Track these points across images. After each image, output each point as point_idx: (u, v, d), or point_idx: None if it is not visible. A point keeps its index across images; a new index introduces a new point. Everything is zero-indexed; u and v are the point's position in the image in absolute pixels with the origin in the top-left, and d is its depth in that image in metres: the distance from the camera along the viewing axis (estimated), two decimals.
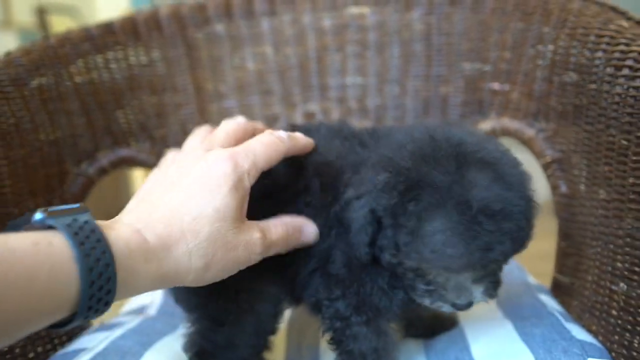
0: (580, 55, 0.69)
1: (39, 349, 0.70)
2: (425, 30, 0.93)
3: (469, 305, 0.52)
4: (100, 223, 0.43)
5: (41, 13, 3.01)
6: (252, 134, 0.56)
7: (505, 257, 0.50)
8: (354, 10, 0.97)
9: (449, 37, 0.91)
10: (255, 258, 0.50)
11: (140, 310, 0.81)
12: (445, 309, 0.53)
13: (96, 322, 0.80)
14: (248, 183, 0.50)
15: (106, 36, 0.89)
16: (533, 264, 0.86)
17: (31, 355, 0.69)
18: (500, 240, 0.47)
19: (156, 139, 0.93)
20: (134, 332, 0.69)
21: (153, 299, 0.83)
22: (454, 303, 0.52)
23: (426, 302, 0.53)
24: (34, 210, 0.41)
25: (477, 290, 0.52)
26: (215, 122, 0.97)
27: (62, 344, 0.74)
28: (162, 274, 0.45)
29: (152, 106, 0.93)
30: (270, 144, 0.52)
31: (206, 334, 0.60)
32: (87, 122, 0.84)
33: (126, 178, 2.30)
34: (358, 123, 0.97)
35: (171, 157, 0.60)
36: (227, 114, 0.97)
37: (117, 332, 0.69)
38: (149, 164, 0.91)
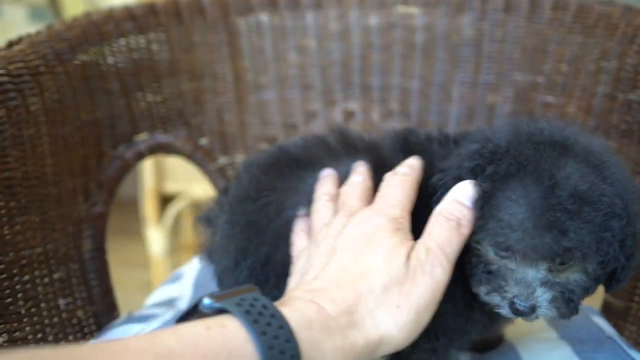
0: None
1: (70, 337, 0.67)
2: (476, 36, 0.91)
3: (531, 310, 0.46)
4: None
5: None
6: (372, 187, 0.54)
7: (583, 255, 0.43)
8: (402, 9, 0.94)
9: (501, 44, 0.89)
10: (439, 274, 0.45)
11: (169, 303, 0.78)
12: (504, 310, 0.47)
13: (124, 312, 0.77)
14: (406, 228, 0.47)
15: (149, 16, 0.86)
16: None
17: (62, 344, 0.66)
18: (578, 225, 0.42)
19: (192, 127, 0.90)
20: (169, 326, 0.66)
21: (182, 292, 0.80)
22: (513, 302, 0.46)
23: (482, 291, 0.48)
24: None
25: (544, 296, 0.45)
26: (252, 114, 0.95)
27: (92, 333, 0.71)
28: (349, 343, 0.40)
29: (190, 92, 0.90)
30: (401, 184, 0.50)
31: None
32: (126, 103, 0.81)
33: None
34: (398, 126, 0.94)
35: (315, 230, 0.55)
36: (265, 105, 0.94)
37: (153, 325, 0.66)
38: (185, 152, 0.88)
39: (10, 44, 0.68)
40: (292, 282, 0.49)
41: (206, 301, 0.39)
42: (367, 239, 0.46)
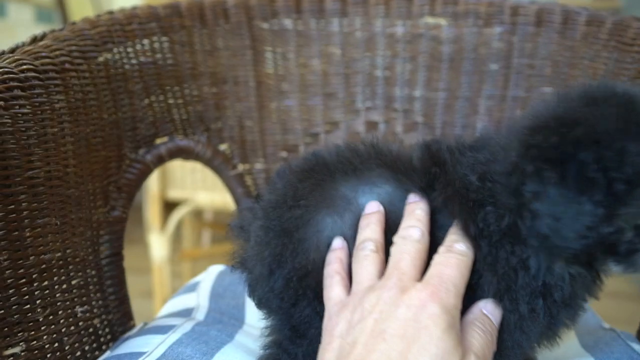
0: None
1: (86, 347, 0.64)
2: (505, 49, 0.89)
3: None
4: None
5: None
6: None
7: None
8: (429, 20, 0.92)
9: (532, 59, 0.87)
10: None
11: (186, 313, 0.75)
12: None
13: (139, 321, 0.74)
14: (458, 322, 0.45)
15: (173, 17, 0.84)
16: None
17: (78, 354, 0.62)
18: None
19: (212, 132, 0.88)
20: (191, 339, 0.63)
21: (200, 302, 0.78)
22: None
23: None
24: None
25: None
26: (273, 122, 0.93)
27: (107, 343, 0.68)
28: None
29: (212, 96, 0.87)
30: (458, 264, 0.46)
31: (285, 346, 0.55)
32: (148, 105, 0.79)
33: None
34: (423, 138, 0.92)
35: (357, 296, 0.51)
36: (287, 112, 0.92)
37: (173, 337, 0.63)
38: (205, 158, 0.86)
39: (35, 39, 0.66)
40: (330, 353, 0.45)
41: None
42: (420, 330, 0.42)
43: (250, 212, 0.58)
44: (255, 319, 0.72)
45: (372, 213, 0.52)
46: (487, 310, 0.47)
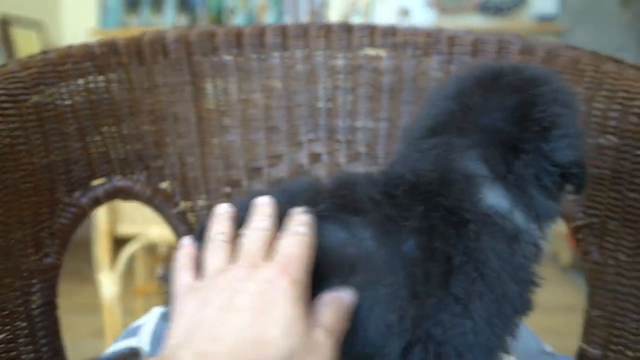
0: (622, 119, 0.67)
1: None
2: (444, 78, 0.90)
3: None
4: None
5: (4, 25, 2.88)
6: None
7: None
8: (369, 52, 0.93)
9: None
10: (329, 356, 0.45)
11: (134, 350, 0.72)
12: None
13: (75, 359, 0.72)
14: (307, 295, 0.46)
15: (109, 55, 0.82)
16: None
17: None
18: None
19: (152, 170, 0.86)
20: None
21: (140, 346, 0.75)
22: None
23: None
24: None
25: None
26: (215, 157, 0.91)
27: None
28: None
29: (151, 134, 0.86)
30: (302, 244, 0.48)
31: None
32: (83, 147, 0.77)
33: None
34: (367, 169, 0.93)
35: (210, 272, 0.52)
36: (229, 147, 0.91)
37: None
38: (144, 197, 0.84)
39: None
40: (178, 329, 0.45)
41: None
42: (269, 302, 0.44)
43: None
44: None
45: (222, 213, 0.54)
46: (341, 294, 0.47)
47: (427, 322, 0.47)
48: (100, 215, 1.81)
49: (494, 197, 0.50)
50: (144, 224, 1.81)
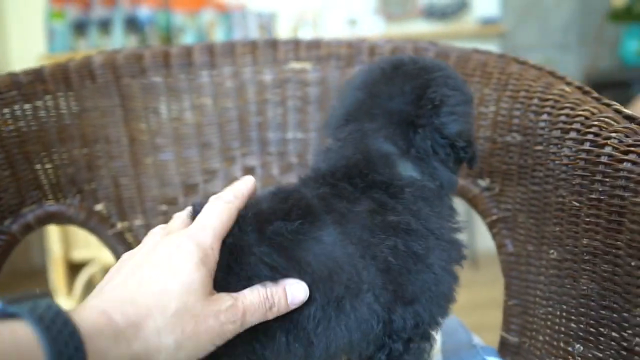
0: (524, 117, 0.71)
1: None
2: None
3: None
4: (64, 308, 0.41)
5: None
6: None
7: None
8: (295, 65, 0.96)
9: None
10: (229, 329, 0.47)
11: None
12: None
13: None
14: (213, 257, 0.49)
15: (36, 84, 0.83)
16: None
17: None
18: None
19: (86, 193, 0.87)
20: None
21: None
22: None
23: None
24: None
25: None
26: (150, 176, 0.93)
27: None
28: (132, 354, 0.43)
29: (83, 158, 0.87)
30: (221, 211, 0.52)
31: None
32: (12, 174, 0.78)
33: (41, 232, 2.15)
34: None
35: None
36: (163, 166, 0.93)
37: None
38: (78, 220, 0.85)
39: None
40: (99, 285, 0.50)
41: None
42: (174, 262, 0.48)
43: None
44: None
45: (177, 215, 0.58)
46: (290, 286, 0.50)
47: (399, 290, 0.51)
48: (54, 241, 1.80)
49: (407, 170, 0.56)
50: (99, 248, 1.80)
